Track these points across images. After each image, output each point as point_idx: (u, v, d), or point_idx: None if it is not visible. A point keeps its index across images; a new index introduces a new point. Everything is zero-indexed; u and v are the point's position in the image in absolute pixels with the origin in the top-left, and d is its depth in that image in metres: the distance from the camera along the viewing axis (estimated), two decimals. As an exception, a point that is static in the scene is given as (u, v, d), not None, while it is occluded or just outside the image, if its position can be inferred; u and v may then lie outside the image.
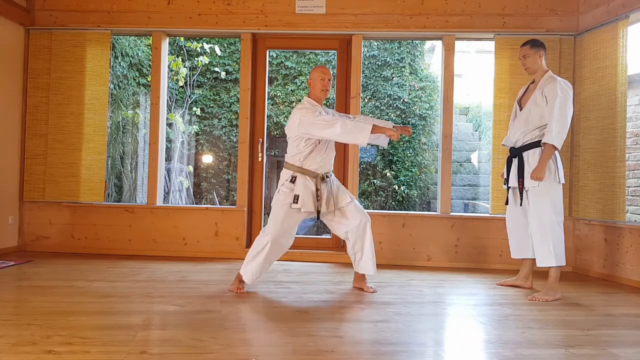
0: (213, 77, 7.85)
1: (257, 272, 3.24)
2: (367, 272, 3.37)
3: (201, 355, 2.08)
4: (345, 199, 3.35)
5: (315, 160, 3.25)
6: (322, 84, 3.28)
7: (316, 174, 3.25)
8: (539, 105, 3.38)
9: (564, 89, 3.32)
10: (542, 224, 3.34)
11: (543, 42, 3.52)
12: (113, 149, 6.56)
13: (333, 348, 2.22)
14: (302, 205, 3.18)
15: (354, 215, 3.31)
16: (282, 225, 3.22)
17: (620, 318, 2.92)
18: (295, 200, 3.19)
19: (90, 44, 4.72)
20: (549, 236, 3.32)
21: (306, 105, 3.24)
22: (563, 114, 3.28)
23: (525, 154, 3.43)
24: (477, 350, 2.33)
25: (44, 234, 4.76)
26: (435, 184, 7.39)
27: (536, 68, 3.46)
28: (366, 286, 3.43)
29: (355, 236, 3.33)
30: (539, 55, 3.44)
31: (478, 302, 3.18)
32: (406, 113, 7.75)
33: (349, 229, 3.32)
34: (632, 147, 5.39)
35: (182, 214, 4.76)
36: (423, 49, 8.14)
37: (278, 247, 3.27)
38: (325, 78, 3.28)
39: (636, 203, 5.37)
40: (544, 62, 3.47)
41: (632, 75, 5.03)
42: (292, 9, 4.70)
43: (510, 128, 3.62)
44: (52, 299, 2.95)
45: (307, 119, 3.12)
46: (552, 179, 3.36)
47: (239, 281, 3.30)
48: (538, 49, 3.44)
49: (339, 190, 3.37)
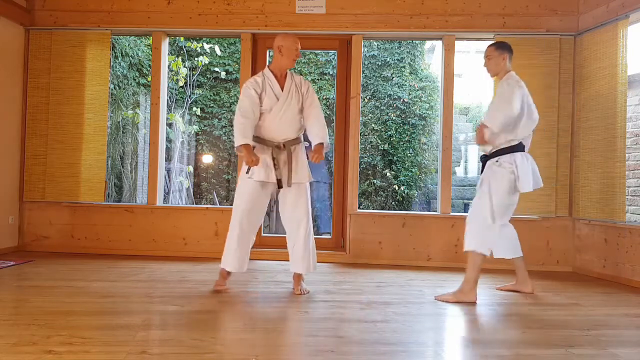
0: (213, 77, 7.85)
1: (234, 256, 3.19)
2: (297, 271, 3.28)
3: (201, 355, 2.08)
4: (298, 177, 3.22)
5: (269, 128, 3.21)
6: (297, 54, 3.25)
7: (272, 142, 3.21)
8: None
9: (510, 83, 3.20)
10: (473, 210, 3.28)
11: (510, 45, 3.35)
12: (113, 149, 6.55)
13: (333, 348, 2.22)
14: (253, 174, 3.13)
15: (294, 202, 3.22)
16: (242, 199, 3.18)
17: (620, 318, 2.92)
18: (247, 170, 3.16)
19: (90, 44, 4.72)
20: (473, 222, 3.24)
21: (248, 83, 3.22)
22: (502, 99, 3.16)
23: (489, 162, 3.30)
24: (476, 350, 2.33)
25: (44, 234, 4.76)
26: (435, 184, 7.39)
27: (497, 70, 3.33)
28: (297, 288, 3.29)
29: (290, 229, 3.26)
30: (502, 58, 3.29)
31: (478, 302, 3.18)
32: (406, 113, 7.75)
33: (285, 217, 3.26)
34: (632, 147, 5.40)
35: (182, 214, 4.76)
36: (423, 49, 8.13)
37: (247, 226, 3.19)
38: (298, 48, 3.26)
39: (636, 203, 5.37)
40: (507, 65, 3.31)
41: (632, 75, 5.04)
42: (292, 9, 4.70)
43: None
44: (52, 299, 2.94)
45: (241, 93, 3.22)
46: (508, 184, 3.20)
47: (221, 278, 3.28)
48: (502, 51, 3.31)
49: (299, 166, 3.25)
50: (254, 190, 3.19)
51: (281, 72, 3.28)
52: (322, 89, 7.72)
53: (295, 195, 3.23)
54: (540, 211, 4.47)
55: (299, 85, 3.30)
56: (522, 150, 3.27)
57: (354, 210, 4.65)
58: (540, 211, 4.47)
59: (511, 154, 3.22)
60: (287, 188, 3.22)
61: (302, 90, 3.29)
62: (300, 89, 3.29)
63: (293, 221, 3.24)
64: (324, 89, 7.72)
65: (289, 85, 3.25)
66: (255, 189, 3.19)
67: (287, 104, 3.21)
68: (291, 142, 3.25)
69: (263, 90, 3.20)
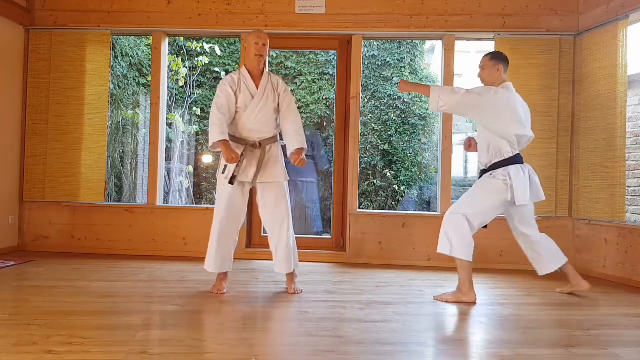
0: (213, 77, 7.84)
1: (215, 258, 3.19)
2: (281, 271, 3.28)
3: (201, 355, 2.08)
4: (274, 176, 3.20)
5: (245, 127, 3.20)
6: (256, 49, 3.21)
7: (247, 141, 3.20)
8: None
9: (483, 88, 3.23)
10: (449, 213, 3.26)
11: (506, 57, 3.33)
12: (113, 149, 6.55)
13: (333, 348, 2.22)
14: (228, 174, 3.12)
15: (275, 202, 3.21)
16: (220, 201, 3.19)
17: (620, 318, 2.92)
18: (223, 170, 3.15)
19: (90, 44, 4.72)
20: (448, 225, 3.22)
21: (224, 80, 3.23)
22: (469, 90, 3.18)
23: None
24: (477, 350, 2.33)
25: (44, 234, 4.76)
26: (436, 184, 7.39)
27: (491, 81, 3.28)
28: (291, 287, 3.30)
29: (272, 229, 3.24)
30: (496, 69, 3.26)
31: (478, 302, 3.18)
32: (406, 113, 7.75)
33: (266, 218, 3.25)
34: (632, 147, 5.40)
35: (182, 214, 4.76)
36: (423, 49, 8.13)
37: (227, 227, 3.19)
38: (259, 42, 3.21)
39: (636, 203, 5.37)
40: (503, 76, 3.28)
41: (632, 75, 5.03)
42: (292, 9, 4.70)
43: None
44: (52, 299, 2.95)
45: (217, 90, 3.22)
46: (494, 191, 3.19)
47: (219, 281, 3.28)
48: (497, 62, 3.27)
49: (270, 164, 3.21)
50: (231, 191, 3.18)
51: (255, 71, 3.27)
52: (322, 89, 7.72)
53: (275, 195, 3.24)
54: (540, 211, 4.46)
55: (276, 85, 3.28)
56: (519, 162, 3.24)
57: (354, 210, 4.66)
58: (540, 211, 4.46)
59: (505, 167, 3.19)
60: (264, 188, 3.23)
61: (279, 90, 3.28)
62: (277, 89, 3.28)
63: (275, 221, 3.23)
64: (324, 89, 7.72)
65: (264, 84, 3.24)
66: (232, 189, 3.18)
67: (262, 102, 3.21)
68: (267, 141, 3.25)
69: (238, 87, 3.20)
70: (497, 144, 3.22)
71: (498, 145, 3.22)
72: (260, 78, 3.26)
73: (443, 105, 3.21)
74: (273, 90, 3.26)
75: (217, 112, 3.12)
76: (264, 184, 3.24)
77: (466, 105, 3.22)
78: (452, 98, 3.18)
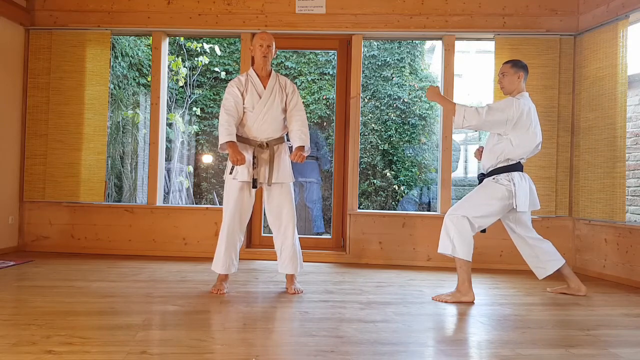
0: (213, 77, 7.84)
1: (224, 257, 3.19)
2: (286, 272, 3.29)
3: (201, 355, 2.08)
4: (282, 177, 3.21)
5: (252, 127, 3.22)
6: (262, 50, 3.23)
7: (255, 141, 3.22)
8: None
9: (506, 100, 3.26)
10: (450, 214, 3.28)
11: (527, 65, 3.36)
12: (113, 149, 6.55)
13: (333, 348, 2.22)
14: (236, 174, 3.13)
15: (280, 203, 3.22)
16: (228, 201, 3.19)
17: (620, 318, 2.92)
18: (231, 171, 3.16)
19: (90, 44, 4.72)
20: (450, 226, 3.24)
21: (232, 82, 3.25)
22: (491, 106, 3.21)
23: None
24: (477, 350, 2.33)
25: (44, 234, 4.76)
26: (436, 183, 7.39)
27: (512, 89, 3.30)
28: (291, 287, 3.30)
29: (277, 230, 3.26)
30: (517, 77, 3.28)
31: (478, 302, 3.18)
32: (406, 113, 7.75)
33: (272, 218, 3.26)
34: (632, 147, 5.39)
35: (182, 214, 4.76)
36: (423, 49, 8.13)
37: (234, 227, 3.20)
38: (264, 44, 3.22)
39: (636, 203, 5.37)
40: (522, 84, 3.31)
41: (632, 75, 5.03)
42: (292, 9, 4.70)
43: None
44: (52, 299, 2.94)
45: (225, 92, 3.25)
46: (496, 195, 3.22)
47: (219, 282, 3.28)
48: (518, 69, 3.29)
49: (281, 166, 3.23)
50: (239, 191, 3.19)
51: (263, 72, 3.28)
52: (322, 89, 7.72)
53: (280, 196, 3.24)
54: (540, 211, 4.46)
55: (284, 86, 3.30)
56: (521, 169, 3.28)
57: (354, 210, 4.66)
58: (541, 211, 4.45)
59: (508, 172, 3.23)
60: (271, 189, 3.23)
61: (287, 90, 3.29)
62: (284, 89, 3.29)
63: (281, 222, 3.24)
64: (324, 89, 7.72)
65: (272, 84, 3.26)
66: (240, 190, 3.19)
67: (269, 102, 3.22)
68: (274, 142, 3.25)
69: (245, 88, 3.22)
70: (509, 150, 3.24)
71: (510, 151, 3.23)
72: (267, 79, 3.28)
73: (468, 125, 3.25)
74: (281, 91, 3.27)
75: (224, 113, 3.15)
76: (272, 185, 3.25)
77: (491, 123, 3.24)
78: (476, 118, 3.20)
